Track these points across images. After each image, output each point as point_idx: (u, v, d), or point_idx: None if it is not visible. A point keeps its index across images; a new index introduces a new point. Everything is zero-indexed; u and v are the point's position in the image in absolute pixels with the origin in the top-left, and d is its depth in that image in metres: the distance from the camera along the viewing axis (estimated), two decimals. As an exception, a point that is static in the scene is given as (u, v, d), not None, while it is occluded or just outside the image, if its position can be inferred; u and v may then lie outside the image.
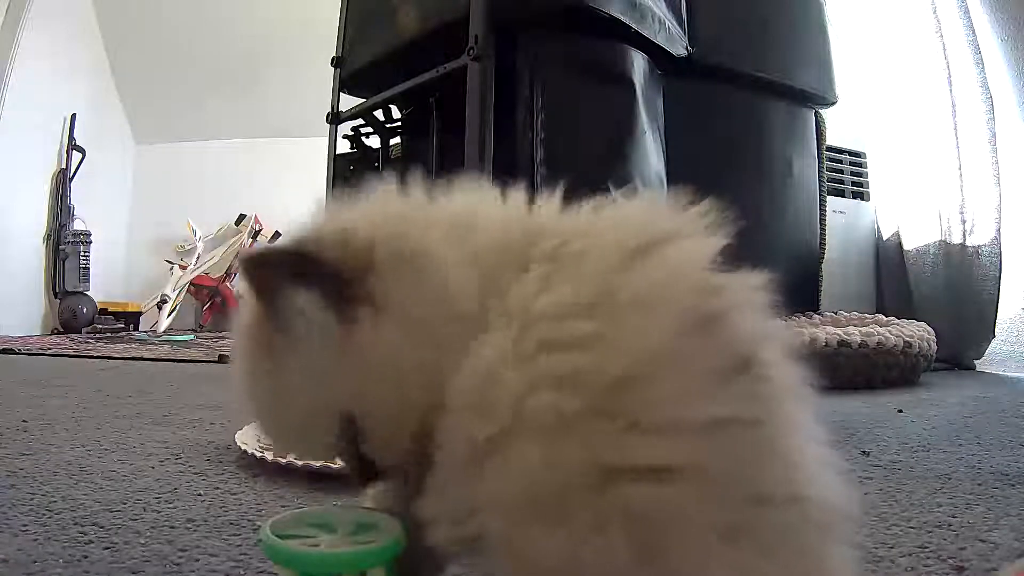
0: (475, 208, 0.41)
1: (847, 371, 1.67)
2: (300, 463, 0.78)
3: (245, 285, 0.40)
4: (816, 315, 2.08)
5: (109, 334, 3.54)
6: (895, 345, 1.70)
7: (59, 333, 3.58)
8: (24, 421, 1.09)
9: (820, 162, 2.23)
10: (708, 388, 0.31)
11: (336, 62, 2.06)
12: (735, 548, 0.30)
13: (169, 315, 4.00)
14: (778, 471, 0.31)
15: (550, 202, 0.41)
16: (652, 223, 0.36)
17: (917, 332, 1.78)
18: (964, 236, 2.19)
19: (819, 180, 2.22)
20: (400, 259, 0.38)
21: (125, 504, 0.68)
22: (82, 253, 3.75)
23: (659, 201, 0.38)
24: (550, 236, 0.37)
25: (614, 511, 0.30)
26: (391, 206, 0.42)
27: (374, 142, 2.15)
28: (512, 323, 0.34)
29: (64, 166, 3.78)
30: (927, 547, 0.58)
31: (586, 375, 0.31)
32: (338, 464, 0.77)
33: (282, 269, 0.38)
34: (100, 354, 2.46)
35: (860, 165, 2.61)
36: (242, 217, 4.23)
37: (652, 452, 0.30)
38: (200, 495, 0.72)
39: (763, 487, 0.31)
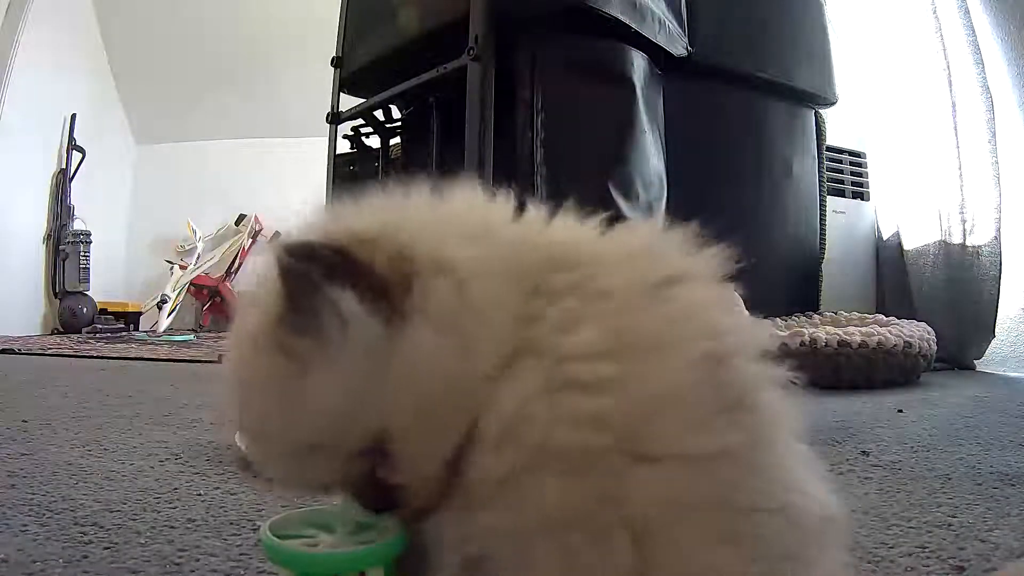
0: (497, 223, 0.41)
1: (847, 371, 1.67)
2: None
3: (275, 277, 0.36)
4: (816, 315, 2.08)
5: (109, 334, 3.54)
6: (895, 345, 1.70)
7: (59, 333, 3.58)
8: (24, 421, 1.09)
9: (820, 162, 2.23)
10: (710, 422, 0.34)
11: (336, 62, 2.06)
12: (727, 552, 0.33)
13: (169, 315, 4.01)
14: (764, 486, 0.35)
15: (566, 222, 0.42)
16: (665, 260, 0.39)
17: (917, 332, 1.78)
18: (964, 236, 2.19)
19: (819, 180, 2.23)
20: (441, 270, 0.36)
21: (125, 504, 0.68)
22: (82, 253, 3.75)
23: (668, 233, 0.40)
24: (572, 265, 0.38)
25: (617, 520, 0.33)
26: (416, 212, 0.40)
27: (374, 142, 2.15)
28: (543, 359, 0.35)
29: (64, 166, 3.78)
30: (927, 547, 0.58)
31: (609, 414, 0.33)
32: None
33: (326, 266, 0.35)
34: (100, 354, 2.46)
35: (860, 165, 2.61)
36: (242, 217, 4.23)
37: (659, 481, 0.33)
38: (200, 495, 0.72)
39: (752, 499, 0.34)
